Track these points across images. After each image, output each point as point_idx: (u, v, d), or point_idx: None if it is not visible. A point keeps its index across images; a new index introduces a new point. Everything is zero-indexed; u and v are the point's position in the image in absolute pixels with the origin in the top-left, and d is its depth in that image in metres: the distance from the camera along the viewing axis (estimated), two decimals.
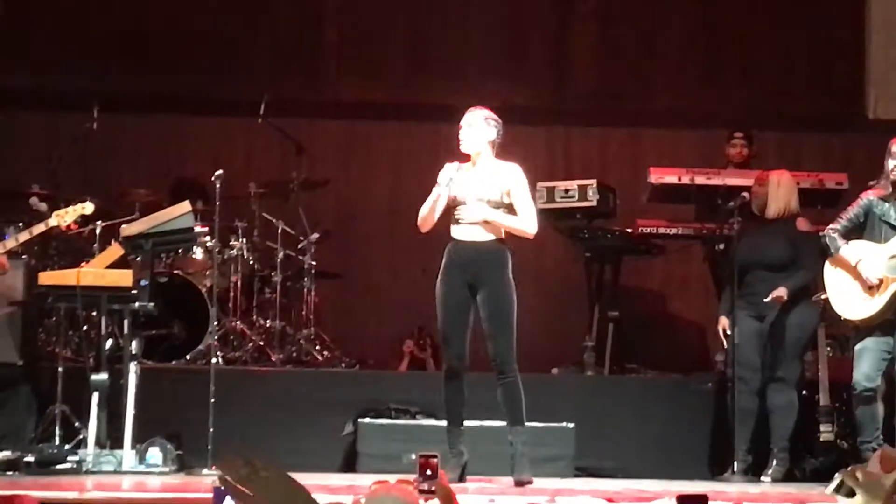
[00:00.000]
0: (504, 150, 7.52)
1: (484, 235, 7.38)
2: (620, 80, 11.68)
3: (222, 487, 2.96)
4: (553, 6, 11.80)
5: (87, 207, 8.41)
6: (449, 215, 7.44)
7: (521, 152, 7.70)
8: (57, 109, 10.90)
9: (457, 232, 7.44)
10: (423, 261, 10.97)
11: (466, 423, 7.54)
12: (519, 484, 7.17)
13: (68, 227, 8.43)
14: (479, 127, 7.49)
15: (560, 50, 11.76)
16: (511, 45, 11.70)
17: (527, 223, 7.41)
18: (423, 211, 7.41)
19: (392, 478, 4.99)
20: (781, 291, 8.37)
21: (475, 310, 7.38)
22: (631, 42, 11.75)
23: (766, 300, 8.36)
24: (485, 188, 7.39)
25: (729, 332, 8.52)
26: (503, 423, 7.46)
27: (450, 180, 7.33)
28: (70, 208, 8.36)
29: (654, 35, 11.75)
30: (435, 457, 5.20)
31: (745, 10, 11.66)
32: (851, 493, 3.65)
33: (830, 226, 7.79)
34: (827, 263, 7.80)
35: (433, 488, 4.97)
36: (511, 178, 7.45)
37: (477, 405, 7.58)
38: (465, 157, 7.51)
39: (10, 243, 8.28)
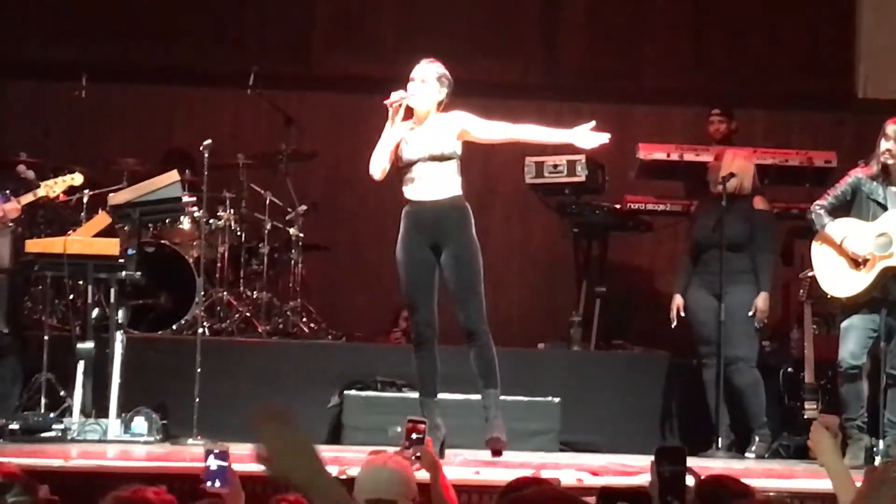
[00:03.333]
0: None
1: (442, 193, 7.15)
2: (610, 57, 11.65)
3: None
4: None
5: (77, 178, 8.41)
6: (400, 177, 7.26)
7: None
8: (45, 78, 10.87)
9: (411, 193, 7.21)
10: None
11: (444, 396, 7.42)
12: (492, 445, 7.02)
13: (57, 196, 8.42)
14: (431, 84, 7.22)
15: (549, 26, 11.73)
16: (500, 20, 11.66)
17: (507, 124, 7.28)
18: (375, 154, 7.23)
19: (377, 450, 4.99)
20: (762, 304, 8.43)
21: (440, 272, 7.18)
22: (620, 18, 11.72)
23: (756, 322, 8.41)
24: (434, 143, 7.16)
25: (683, 313, 8.61)
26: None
27: (402, 96, 7.12)
28: (59, 179, 8.35)
29: (643, 12, 11.71)
30: (423, 422, 5.18)
31: None
32: None
33: (817, 202, 7.81)
34: (813, 241, 7.82)
35: (419, 454, 4.95)
36: (458, 120, 7.20)
37: (455, 379, 7.55)
38: (409, 113, 7.27)
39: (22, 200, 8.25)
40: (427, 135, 7.21)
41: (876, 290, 7.54)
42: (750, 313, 8.44)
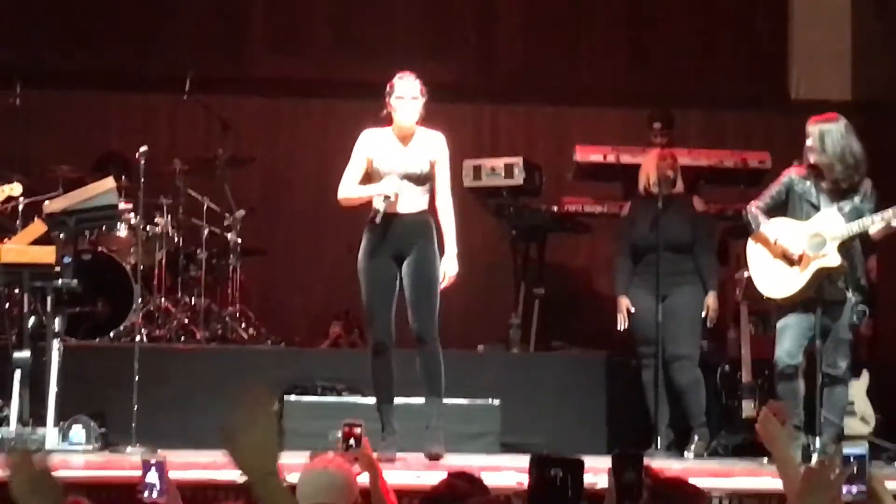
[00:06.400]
0: (431, 127, 7.52)
1: (411, 207, 7.35)
2: (546, 58, 11.70)
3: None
4: None
5: (15, 189, 8.36)
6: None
7: (447, 130, 7.69)
8: None
9: (382, 205, 7.33)
10: (350, 238, 10.99)
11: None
12: (430, 457, 7.16)
13: None
14: (419, 100, 7.38)
15: (486, 27, 11.76)
16: (437, 21, 11.68)
17: (449, 205, 7.47)
18: (352, 194, 7.44)
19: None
20: (713, 303, 8.51)
21: (400, 283, 7.38)
22: (557, 19, 11.77)
23: (708, 321, 8.49)
24: (413, 163, 7.36)
25: (633, 310, 8.62)
26: None
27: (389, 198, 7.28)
28: None
29: (580, 13, 11.77)
30: (360, 425, 5.18)
31: None
32: None
33: (754, 202, 7.87)
34: (749, 241, 7.89)
35: (356, 456, 4.96)
36: (437, 151, 7.42)
37: (399, 383, 7.58)
38: (384, 123, 7.46)
39: None
40: (408, 153, 7.38)
41: (811, 290, 7.60)
42: (703, 314, 8.50)
